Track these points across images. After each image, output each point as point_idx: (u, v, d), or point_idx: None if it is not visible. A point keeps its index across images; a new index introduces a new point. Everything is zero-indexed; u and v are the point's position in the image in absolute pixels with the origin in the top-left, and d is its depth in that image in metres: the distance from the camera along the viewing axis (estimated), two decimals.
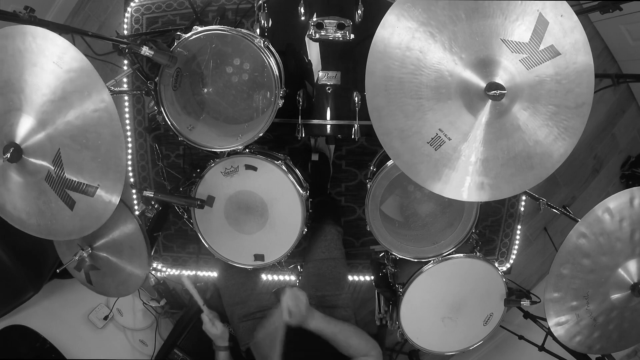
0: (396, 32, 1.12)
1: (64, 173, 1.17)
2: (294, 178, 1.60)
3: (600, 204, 1.28)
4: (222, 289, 1.80)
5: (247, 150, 1.60)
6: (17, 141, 1.14)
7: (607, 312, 1.38)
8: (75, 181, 1.18)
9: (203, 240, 1.69)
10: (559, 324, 1.38)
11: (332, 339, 1.44)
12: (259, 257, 1.70)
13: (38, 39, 1.07)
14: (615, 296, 1.37)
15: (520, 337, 2.10)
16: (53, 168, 1.16)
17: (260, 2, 1.58)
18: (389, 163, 1.51)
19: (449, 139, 1.18)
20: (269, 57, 1.42)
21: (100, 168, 1.16)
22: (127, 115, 2.34)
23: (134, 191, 2.35)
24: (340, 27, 1.53)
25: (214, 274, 2.42)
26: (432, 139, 1.18)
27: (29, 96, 1.11)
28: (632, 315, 1.41)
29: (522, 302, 1.61)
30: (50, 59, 1.07)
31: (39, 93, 1.10)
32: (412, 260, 1.63)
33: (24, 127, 1.14)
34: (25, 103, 1.12)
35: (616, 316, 1.40)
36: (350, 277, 2.48)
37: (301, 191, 1.60)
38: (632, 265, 1.34)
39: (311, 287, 1.72)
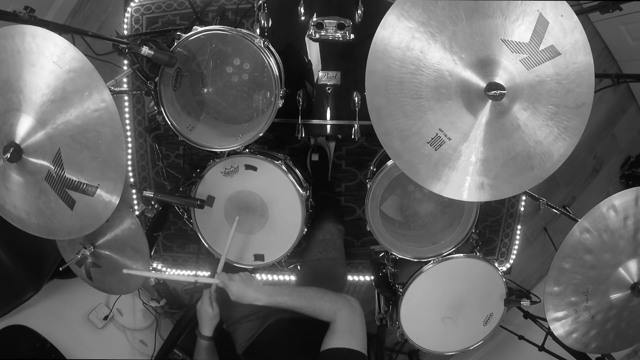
0: (396, 32, 1.12)
1: (64, 173, 1.17)
2: (294, 178, 1.60)
3: (605, 201, 1.27)
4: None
5: (247, 150, 1.60)
6: (17, 141, 1.14)
7: (605, 311, 1.38)
8: (75, 181, 1.17)
9: (203, 240, 1.69)
10: (557, 319, 1.37)
11: (299, 309, 1.29)
12: (259, 257, 1.70)
13: (37, 38, 1.07)
14: (614, 295, 1.36)
15: (520, 337, 2.10)
16: (53, 168, 1.16)
17: (260, 2, 1.58)
18: (389, 163, 1.51)
19: (449, 139, 1.18)
20: (269, 57, 1.42)
21: (101, 167, 1.15)
22: (127, 115, 2.34)
23: (134, 191, 2.35)
24: (340, 27, 1.53)
25: None
26: (432, 139, 1.18)
27: (28, 96, 1.11)
28: (630, 316, 1.40)
29: (522, 302, 1.61)
30: (50, 59, 1.07)
31: (38, 93, 1.10)
32: (412, 260, 1.63)
33: (23, 127, 1.13)
34: (25, 103, 1.12)
35: (614, 315, 1.39)
36: (350, 277, 2.48)
37: (301, 191, 1.60)
38: (633, 264, 1.34)
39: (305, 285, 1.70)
